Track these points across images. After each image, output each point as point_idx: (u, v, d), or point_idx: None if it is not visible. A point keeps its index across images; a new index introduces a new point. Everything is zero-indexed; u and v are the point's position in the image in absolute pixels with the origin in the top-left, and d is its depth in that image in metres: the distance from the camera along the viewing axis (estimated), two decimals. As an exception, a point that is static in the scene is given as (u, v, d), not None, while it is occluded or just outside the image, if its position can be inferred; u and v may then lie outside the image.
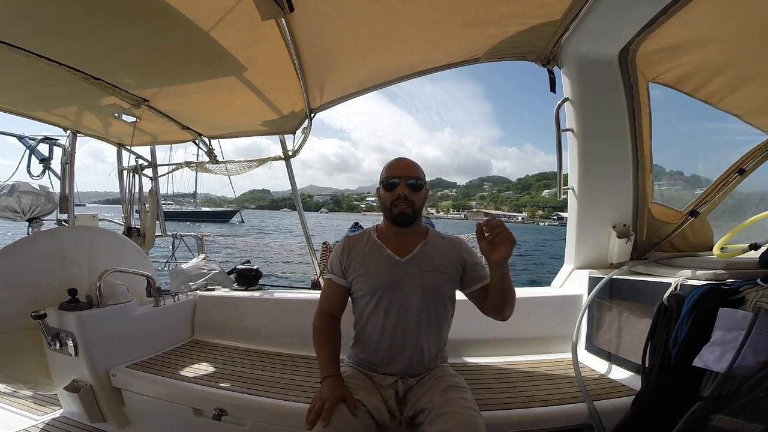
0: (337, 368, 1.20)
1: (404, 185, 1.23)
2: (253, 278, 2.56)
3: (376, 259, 1.27)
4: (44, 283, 1.75)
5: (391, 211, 1.24)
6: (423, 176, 1.27)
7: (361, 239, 1.33)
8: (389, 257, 1.25)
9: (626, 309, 1.61)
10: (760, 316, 1.01)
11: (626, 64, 1.75)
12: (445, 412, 1.06)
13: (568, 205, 2.01)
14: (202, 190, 42.91)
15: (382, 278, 1.23)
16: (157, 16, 1.40)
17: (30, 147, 2.92)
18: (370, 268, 1.26)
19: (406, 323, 1.22)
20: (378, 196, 1.31)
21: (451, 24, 1.63)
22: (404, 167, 1.26)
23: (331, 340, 1.26)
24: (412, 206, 1.23)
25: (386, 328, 1.23)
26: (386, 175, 1.26)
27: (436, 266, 1.25)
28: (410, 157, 6.48)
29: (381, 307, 1.23)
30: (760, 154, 1.77)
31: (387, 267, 1.25)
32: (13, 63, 1.64)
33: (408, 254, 1.25)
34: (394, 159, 1.31)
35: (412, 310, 1.22)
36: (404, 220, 1.23)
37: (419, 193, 1.25)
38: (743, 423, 0.94)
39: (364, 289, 1.25)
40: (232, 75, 1.86)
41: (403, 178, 1.23)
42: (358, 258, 1.29)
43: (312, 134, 2.59)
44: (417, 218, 1.27)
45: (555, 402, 1.38)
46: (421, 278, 1.23)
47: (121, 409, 1.71)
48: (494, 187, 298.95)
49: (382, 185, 1.28)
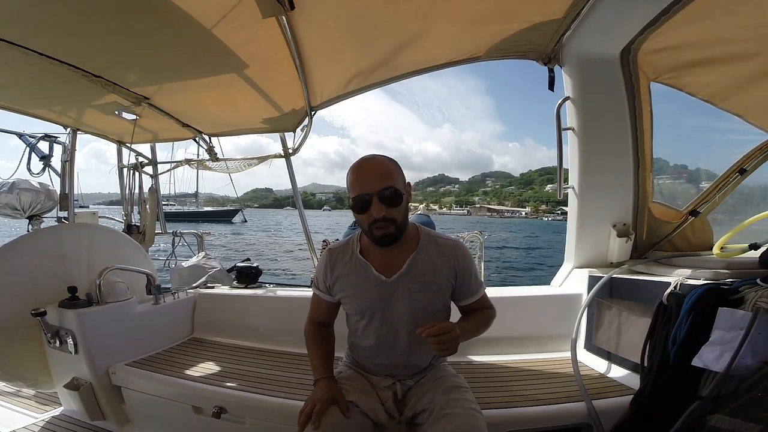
0: (329, 370, 1.18)
1: (378, 204, 1.01)
2: (253, 276, 2.56)
3: (361, 279, 1.14)
4: (44, 280, 1.75)
5: (372, 234, 1.05)
6: (400, 177, 1.06)
7: (345, 253, 1.18)
8: (375, 277, 1.12)
9: (626, 308, 1.61)
10: (760, 316, 1.01)
11: (628, 63, 1.74)
12: (447, 413, 1.05)
13: (569, 204, 2.01)
14: (206, 189, 42.88)
15: (370, 300, 1.14)
16: (157, 14, 1.40)
17: (30, 144, 2.92)
18: (357, 290, 1.15)
19: (398, 340, 1.17)
20: (352, 209, 1.08)
21: (452, 22, 1.62)
22: (373, 176, 1.02)
23: (322, 345, 1.24)
24: (395, 223, 1.03)
25: (379, 343, 1.18)
26: (354, 192, 1.03)
27: (427, 285, 1.12)
28: (411, 154, 6.25)
29: (373, 325, 1.17)
30: (760, 153, 1.77)
31: (374, 288, 1.13)
32: (13, 60, 1.64)
33: (395, 272, 1.12)
34: (358, 162, 1.06)
35: (403, 330, 1.15)
36: (389, 240, 1.05)
37: (399, 206, 1.03)
38: (741, 423, 0.94)
39: (353, 310, 1.19)
40: (233, 72, 1.86)
41: (374, 194, 1.01)
42: (342, 276, 1.16)
43: (312, 132, 2.58)
44: (404, 232, 1.09)
45: (554, 401, 1.38)
46: (410, 299, 1.12)
47: (120, 407, 1.72)
48: (497, 183, 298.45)
49: (351, 203, 1.06)
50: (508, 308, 1.93)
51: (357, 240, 1.19)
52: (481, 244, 2.99)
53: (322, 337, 1.26)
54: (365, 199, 1.02)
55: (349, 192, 1.06)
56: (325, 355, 1.22)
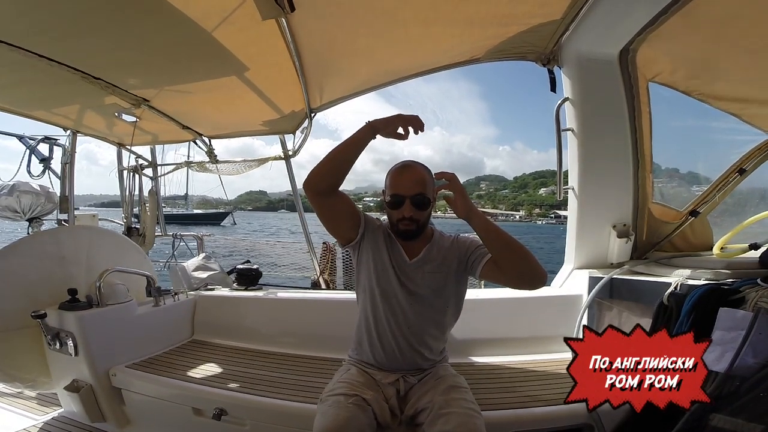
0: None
1: (409, 206, 1.17)
2: (253, 278, 2.55)
3: (388, 249, 1.25)
4: (44, 282, 1.75)
5: (397, 227, 1.21)
6: (431, 186, 1.21)
7: (377, 225, 1.30)
8: (399, 254, 1.24)
9: (626, 309, 1.61)
10: (760, 316, 1.01)
11: (626, 63, 1.74)
12: (445, 412, 1.06)
13: (568, 205, 2.01)
14: (199, 191, 42.67)
15: (389, 277, 1.23)
16: (157, 16, 1.40)
17: (30, 147, 2.92)
18: (381, 256, 1.24)
19: (408, 323, 1.22)
20: (383, 202, 1.26)
21: (451, 25, 1.63)
22: (410, 183, 1.18)
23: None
24: (417, 223, 1.20)
25: (389, 327, 1.23)
26: (391, 190, 1.20)
27: (440, 267, 1.24)
28: (402, 156, 6.23)
29: (384, 306, 1.23)
30: (760, 153, 1.77)
31: (395, 261, 1.24)
32: (13, 62, 1.64)
33: (415, 257, 1.25)
34: (399, 166, 1.22)
35: (414, 310, 1.22)
36: (409, 236, 1.22)
37: (426, 210, 1.21)
38: (743, 423, 0.94)
39: (370, 272, 1.24)
40: (233, 75, 1.86)
41: (408, 196, 1.17)
42: (372, 240, 1.26)
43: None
44: (423, 230, 1.24)
45: (555, 402, 1.37)
46: (424, 279, 1.23)
47: (121, 408, 1.71)
48: (491, 186, 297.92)
49: (385, 199, 1.23)
50: (508, 309, 1.93)
51: (387, 225, 1.30)
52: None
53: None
54: (400, 200, 1.18)
55: (387, 189, 1.22)
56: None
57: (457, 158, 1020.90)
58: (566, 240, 2.07)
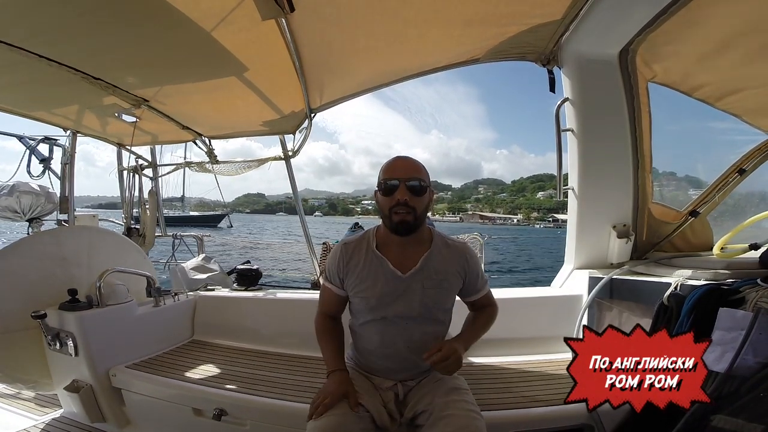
0: (342, 363, 1.19)
1: (404, 189, 1.09)
2: (253, 278, 2.56)
3: (376, 273, 1.16)
4: (44, 283, 1.75)
5: (391, 219, 1.12)
6: (426, 176, 1.15)
7: (360, 247, 1.21)
8: (391, 272, 1.15)
9: (626, 309, 1.61)
10: (760, 316, 1.01)
11: (626, 63, 1.74)
12: (446, 414, 1.05)
13: (568, 205, 2.01)
14: (197, 193, 42.41)
15: (383, 295, 1.16)
16: (157, 16, 1.40)
17: (30, 147, 2.91)
18: (370, 284, 1.16)
19: (404, 335, 1.18)
20: (376, 200, 1.19)
21: (451, 25, 1.63)
22: (404, 167, 1.13)
23: (334, 337, 1.24)
24: (414, 212, 1.10)
25: (384, 339, 1.19)
26: (384, 176, 1.13)
27: (439, 281, 1.17)
28: None
29: (380, 320, 1.18)
30: (760, 154, 1.77)
31: (388, 283, 1.15)
32: (13, 63, 1.64)
33: (411, 268, 1.16)
34: (393, 158, 1.18)
35: (411, 323, 1.17)
36: (405, 228, 1.11)
37: (422, 197, 1.12)
38: (743, 423, 0.94)
39: (363, 305, 1.19)
40: (232, 75, 1.86)
41: (402, 180, 1.10)
42: (356, 270, 1.18)
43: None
44: (420, 225, 1.15)
45: (555, 402, 1.37)
46: (422, 294, 1.16)
47: (121, 409, 1.71)
48: (489, 190, 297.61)
49: (379, 188, 1.15)
50: (509, 309, 1.92)
51: (373, 235, 1.22)
52: (481, 245, 3.12)
53: (333, 330, 1.26)
54: (393, 184, 1.11)
55: (380, 178, 1.15)
56: (337, 347, 1.22)
57: (455, 162, 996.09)
58: (566, 240, 2.07)
